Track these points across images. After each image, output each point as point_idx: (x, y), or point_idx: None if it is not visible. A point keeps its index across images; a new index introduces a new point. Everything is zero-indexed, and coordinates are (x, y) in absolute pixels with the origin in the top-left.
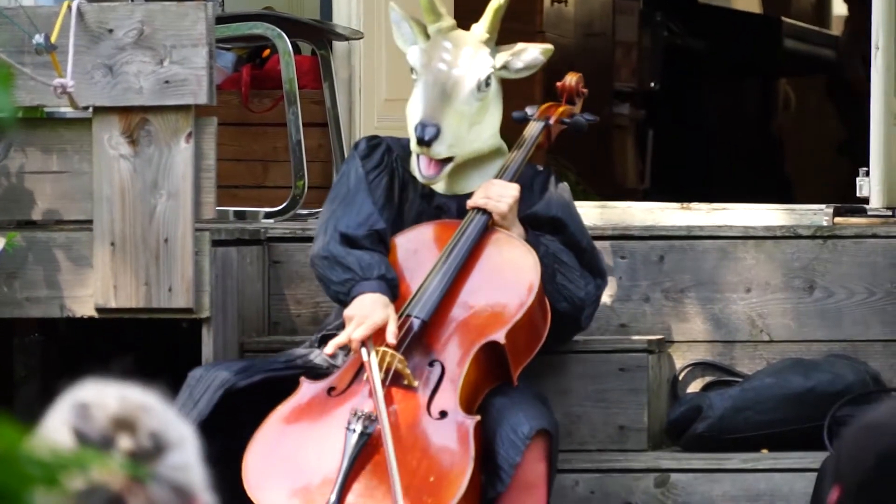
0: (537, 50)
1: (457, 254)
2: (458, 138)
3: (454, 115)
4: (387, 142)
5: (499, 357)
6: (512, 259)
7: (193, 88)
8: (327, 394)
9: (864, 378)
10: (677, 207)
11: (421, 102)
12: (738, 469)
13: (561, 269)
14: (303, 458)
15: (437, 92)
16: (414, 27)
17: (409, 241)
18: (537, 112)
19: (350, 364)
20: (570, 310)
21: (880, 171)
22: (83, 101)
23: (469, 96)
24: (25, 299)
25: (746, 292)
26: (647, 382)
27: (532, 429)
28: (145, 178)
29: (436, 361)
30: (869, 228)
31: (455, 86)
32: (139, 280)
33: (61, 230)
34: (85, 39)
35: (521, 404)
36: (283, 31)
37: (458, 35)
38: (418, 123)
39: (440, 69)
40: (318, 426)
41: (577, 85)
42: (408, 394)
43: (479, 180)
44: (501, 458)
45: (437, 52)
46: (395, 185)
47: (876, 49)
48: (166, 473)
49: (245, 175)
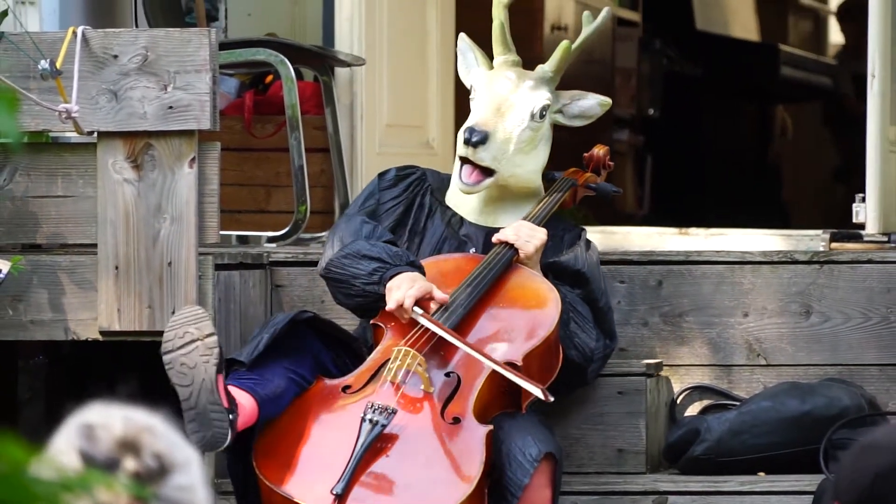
0: (595, 100)
1: (483, 277)
2: (502, 153)
3: (503, 132)
4: (424, 171)
5: (512, 384)
6: (535, 291)
7: (197, 114)
8: (342, 391)
9: (860, 402)
10: (675, 233)
11: (475, 114)
12: (736, 492)
13: (575, 318)
14: (317, 447)
15: (493, 108)
16: (479, 57)
17: (437, 266)
18: (564, 174)
19: (365, 367)
20: (579, 359)
21: (876, 197)
22: (88, 126)
23: (521, 121)
24: (30, 322)
25: (744, 317)
26: (646, 406)
27: (540, 452)
28: (149, 202)
29: (453, 373)
30: (865, 254)
31: (510, 107)
32: (143, 303)
33: (66, 254)
34: (90, 65)
35: (528, 427)
36: (286, 58)
37: (521, 69)
38: (468, 127)
39: (499, 92)
40: (332, 418)
41: (604, 157)
42: (423, 398)
43: (511, 217)
44: (508, 480)
45: (499, 77)
46: (415, 213)
47: (872, 77)
48: (170, 494)
49: (248, 200)
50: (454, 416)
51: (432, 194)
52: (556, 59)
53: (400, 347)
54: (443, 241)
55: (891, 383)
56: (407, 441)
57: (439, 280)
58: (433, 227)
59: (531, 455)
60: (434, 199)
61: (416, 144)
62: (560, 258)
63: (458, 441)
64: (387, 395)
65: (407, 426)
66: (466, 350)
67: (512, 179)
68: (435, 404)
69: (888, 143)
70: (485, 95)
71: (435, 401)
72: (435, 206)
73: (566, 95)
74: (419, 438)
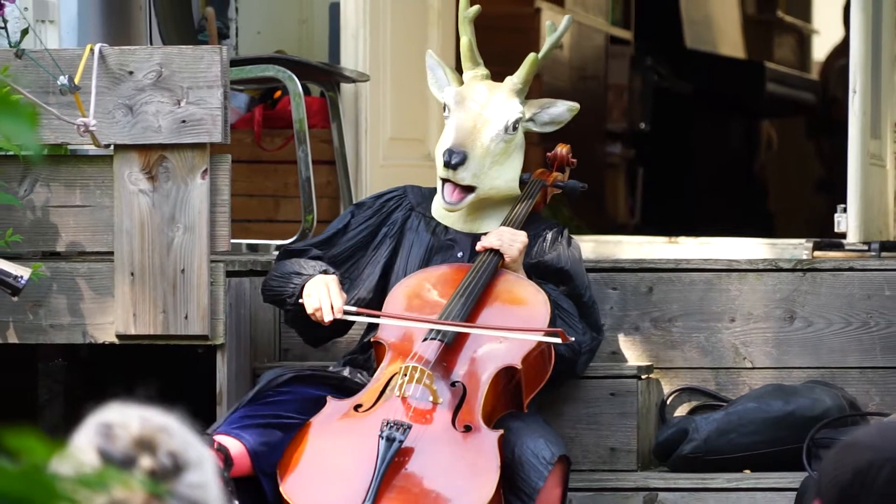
0: (564, 106)
1: (474, 285)
2: (481, 170)
3: (480, 148)
4: (405, 189)
5: (513, 383)
6: (525, 294)
7: (209, 127)
8: (354, 410)
9: (841, 403)
10: (665, 241)
11: (451, 134)
12: (723, 488)
13: (561, 315)
14: (338, 467)
15: (468, 126)
16: (448, 73)
17: (427, 278)
18: (533, 176)
19: (373, 384)
20: (568, 353)
21: (857, 207)
22: (105, 139)
23: (496, 136)
24: (50, 326)
25: (731, 322)
26: (637, 406)
27: (554, 455)
28: (163, 212)
29: (458, 382)
30: (846, 262)
31: (485, 123)
32: (157, 308)
33: (84, 261)
34: (107, 81)
35: (539, 430)
36: (294, 74)
37: (491, 82)
38: (447, 149)
39: (472, 108)
40: (349, 437)
41: (567, 155)
42: (433, 410)
43: (494, 222)
44: (523, 482)
45: (471, 93)
46: (386, 231)
47: (853, 93)
48: (184, 491)
49: (257, 210)
50: (465, 424)
51: (413, 209)
52: (524, 70)
53: (406, 364)
54: (430, 250)
55: (871, 385)
56: (425, 454)
57: (430, 290)
58: (419, 238)
59: (545, 458)
60: (417, 213)
61: (418, 157)
62: (544, 258)
63: (473, 448)
64: (399, 411)
65: (422, 439)
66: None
67: (492, 191)
68: (446, 415)
69: (868, 156)
70: (459, 113)
71: (445, 411)
72: (418, 219)
73: (535, 104)
74: (436, 450)
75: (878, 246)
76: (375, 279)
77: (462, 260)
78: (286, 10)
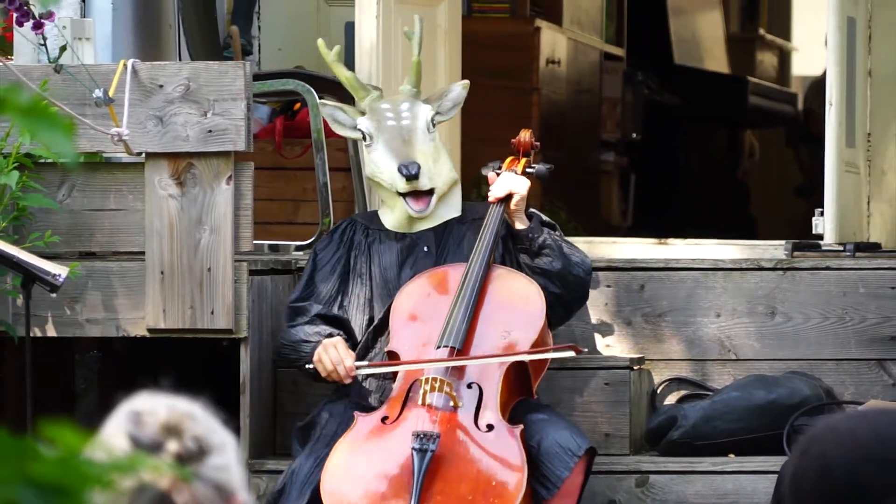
0: (458, 86)
1: (471, 288)
2: (430, 171)
3: (421, 154)
4: (351, 218)
5: (522, 373)
6: (519, 288)
7: (233, 137)
8: (382, 422)
9: (819, 392)
10: (656, 243)
11: (389, 155)
12: (709, 471)
13: (565, 242)
14: (376, 482)
15: (399, 141)
16: (348, 111)
17: (421, 286)
18: (505, 165)
19: (395, 395)
20: (584, 274)
21: (833, 211)
22: (137, 148)
23: (424, 138)
24: (86, 320)
25: (716, 317)
26: (629, 395)
27: (581, 447)
28: (191, 215)
29: (473, 383)
30: (823, 262)
31: (410, 132)
32: (185, 304)
33: (117, 260)
34: (139, 94)
35: (561, 422)
36: (312, 87)
37: (391, 98)
38: (399, 167)
39: (391, 125)
40: (383, 451)
41: (530, 139)
42: (455, 414)
43: (446, 209)
44: (549, 471)
45: (381, 114)
46: (356, 256)
47: (830, 105)
48: (209, 473)
49: (278, 213)
50: (488, 424)
51: (368, 230)
52: (413, 75)
53: (429, 377)
54: (401, 254)
55: (846, 376)
56: (456, 459)
57: (428, 299)
58: (388, 250)
59: (571, 450)
60: (374, 230)
61: None
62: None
63: (498, 446)
64: (426, 421)
65: (452, 445)
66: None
67: (443, 186)
68: (468, 417)
69: (844, 164)
70: (383, 135)
71: (467, 414)
72: (377, 234)
73: (435, 98)
74: (466, 454)
75: (853, 247)
76: (368, 295)
77: (430, 252)
78: (305, 29)
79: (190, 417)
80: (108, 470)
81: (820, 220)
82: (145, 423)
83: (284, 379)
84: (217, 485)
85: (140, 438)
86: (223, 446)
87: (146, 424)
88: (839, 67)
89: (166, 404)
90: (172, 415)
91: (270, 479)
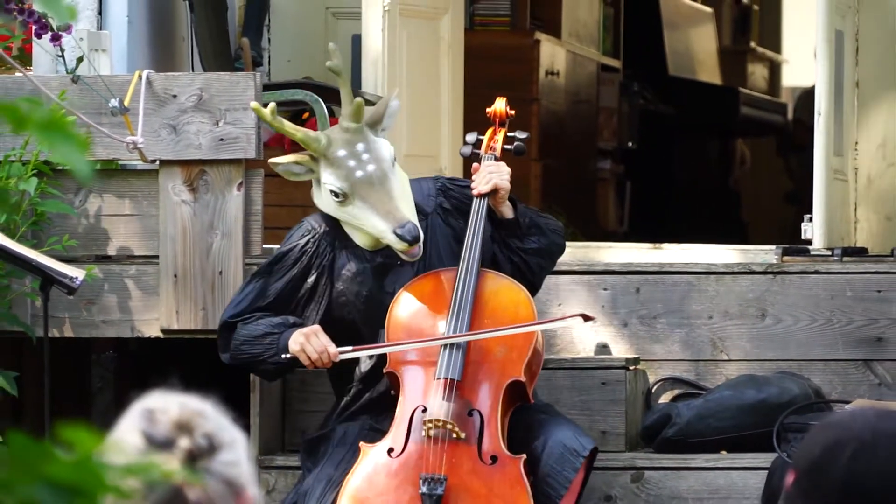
0: (395, 102)
1: (464, 307)
2: (413, 209)
3: (399, 196)
4: (310, 223)
5: (518, 388)
6: (509, 298)
7: (244, 145)
8: (388, 455)
9: (808, 391)
10: (650, 247)
11: (373, 213)
12: (702, 467)
13: (533, 212)
14: None
15: (377, 193)
16: (302, 162)
17: (412, 302)
18: (483, 147)
19: (399, 421)
20: (562, 238)
21: (822, 217)
22: (151, 156)
23: (393, 176)
24: (102, 322)
25: (709, 319)
26: (625, 394)
27: (585, 448)
28: (203, 220)
29: (474, 410)
30: (812, 265)
31: (381, 175)
32: (198, 306)
33: (132, 264)
34: (153, 103)
35: (564, 421)
36: (320, 98)
37: (339, 141)
38: (395, 229)
39: (359, 177)
40: (392, 491)
41: (506, 108)
42: (460, 447)
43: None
44: (556, 472)
45: (342, 165)
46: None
47: (818, 115)
48: (219, 469)
49: (287, 218)
50: (491, 455)
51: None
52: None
53: (432, 419)
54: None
55: (833, 376)
56: (463, 496)
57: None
58: (364, 271)
59: (576, 450)
60: (340, 248)
61: (430, 171)
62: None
63: (503, 478)
64: (432, 461)
65: (459, 484)
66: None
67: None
68: (472, 450)
69: (832, 172)
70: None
71: (470, 447)
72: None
73: (375, 119)
74: (472, 490)
75: (841, 251)
76: (322, 313)
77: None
78: (313, 41)
79: (201, 415)
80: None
81: (809, 226)
82: (158, 420)
83: (292, 378)
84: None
85: (153, 435)
86: (233, 443)
87: (159, 422)
88: (827, 79)
89: (178, 402)
90: (184, 413)
91: (279, 475)
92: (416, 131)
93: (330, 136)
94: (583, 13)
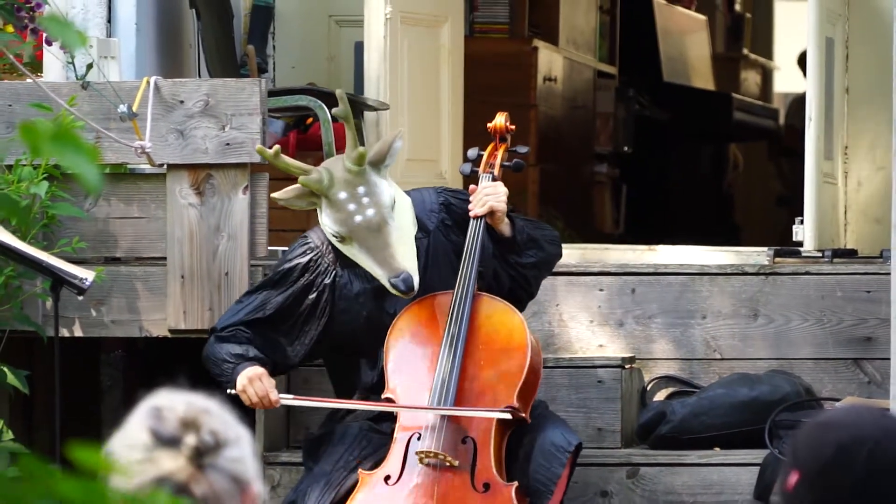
0: (398, 141)
1: (458, 335)
2: (412, 252)
3: (397, 242)
4: (311, 238)
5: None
6: (503, 322)
7: (249, 149)
8: (385, 483)
9: (798, 389)
10: (646, 249)
11: (371, 261)
12: (695, 463)
13: (529, 223)
14: None
15: (375, 240)
16: (305, 199)
17: (408, 328)
18: (482, 165)
19: (395, 448)
20: (558, 248)
21: (812, 219)
22: (159, 160)
23: (391, 218)
24: (111, 322)
25: (702, 319)
26: (621, 392)
27: (571, 444)
28: (210, 223)
29: (467, 437)
30: (803, 267)
31: (380, 221)
32: (204, 306)
33: (140, 265)
34: (161, 109)
35: (552, 419)
36: (324, 103)
37: (342, 182)
38: (391, 279)
39: (358, 222)
40: None
41: (506, 123)
42: (454, 474)
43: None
44: (544, 468)
45: (343, 209)
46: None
47: (809, 120)
48: (224, 465)
49: (291, 221)
50: (484, 483)
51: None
52: (357, 159)
53: (424, 450)
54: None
55: (824, 374)
56: None
57: (418, 343)
58: (364, 294)
59: (562, 447)
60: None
61: (431, 175)
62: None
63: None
64: (425, 490)
65: None
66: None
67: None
68: (465, 477)
69: (822, 176)
70: (356, 236)
71: (464, 474)
72: (346, 276)
73: (379, 156)
74: None
75: (831, 253)
76: (321, 329)
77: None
78: (317, 48)
79: (207, 413)
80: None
81: (800, 228)
82: (165, 418)
83: (296, 376)
84: (233, 476)
85: (160, 432)
86: (238, 439)
87: (166, 420)
88: (818, 85)
89: (185, 401)
90: (190, 410)
91: (284, 471)
92: (417, 136)
93: (333, 175)
94: (580, 21)
